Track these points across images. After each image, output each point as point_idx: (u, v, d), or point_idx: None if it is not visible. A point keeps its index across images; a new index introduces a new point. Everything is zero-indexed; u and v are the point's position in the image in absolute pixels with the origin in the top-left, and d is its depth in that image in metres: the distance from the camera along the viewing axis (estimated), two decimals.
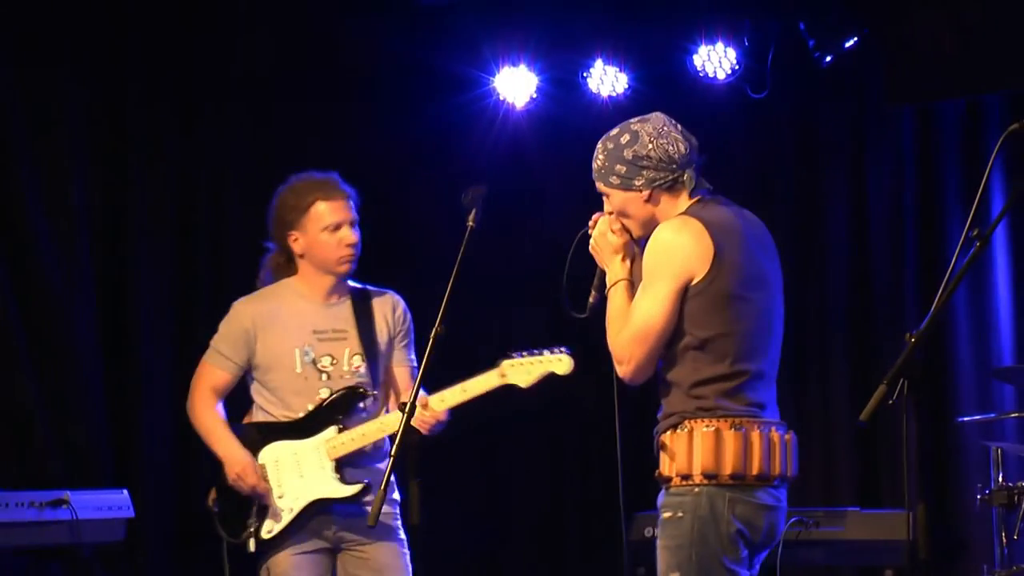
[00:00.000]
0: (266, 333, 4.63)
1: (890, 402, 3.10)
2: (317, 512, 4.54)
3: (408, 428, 3.94)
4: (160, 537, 6.33)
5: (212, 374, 4.75)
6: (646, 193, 3.74)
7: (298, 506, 4.54)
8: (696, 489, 3.65)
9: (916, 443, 3.16)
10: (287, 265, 4.69)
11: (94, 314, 6.15)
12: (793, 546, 6.13)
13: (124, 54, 6.41)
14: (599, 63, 7.21)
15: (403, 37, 7.28)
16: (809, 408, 7.25)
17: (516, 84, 7.31)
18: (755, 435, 3.67)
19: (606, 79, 7.25)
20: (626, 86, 7.28)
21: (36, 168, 6.01)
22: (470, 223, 4.09)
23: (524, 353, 4.35)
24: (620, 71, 7.23)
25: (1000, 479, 5.86)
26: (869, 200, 7.19)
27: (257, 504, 4.57)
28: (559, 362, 4.34)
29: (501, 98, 7.38)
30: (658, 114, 3.82)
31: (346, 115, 7.34)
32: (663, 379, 3.75)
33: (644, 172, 3.72)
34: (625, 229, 3.82)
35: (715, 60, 6.97)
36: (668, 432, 3.72)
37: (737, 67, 6.98)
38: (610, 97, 7.32)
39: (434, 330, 3.99)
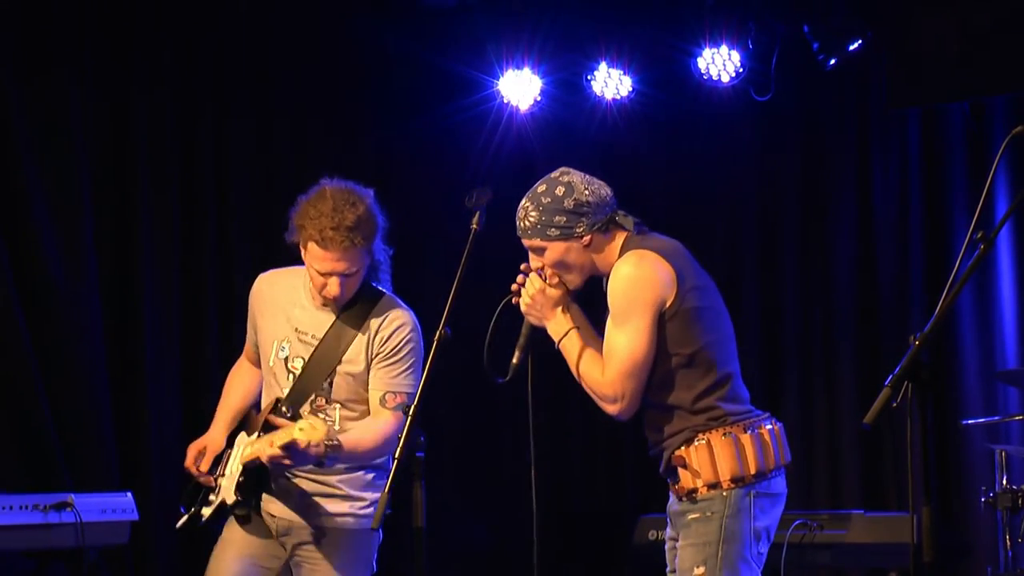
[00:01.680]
0: (261, 318, 4.54)
1: (894, 404, 3.11)
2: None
3: (413, 431, 3.92)
4: (164, 540, 6.33)
5: (246, 348, 4.69)
6: (587, 238, 3.86)
7: (216, 503, 4.47)
8: (724, 493, 3.77)
9: (920, 446, 3.16)
10: None
11: (99, 316, 6.15)
12: (797, 549, 6.13)
13: (128, 53, 6.41)
14: (603, 66, 7.21)
15: (407, 40, 7.28)
16: (814, 410, 7.25)
17: (520, 87, 7.32)
18: (764, 432, 3.82)
19: (610, 82, 7.25)
20: (630, 89, 7.29)
21: (41, 170, 6.01)
22: (474, 226, 4.07)
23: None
24: (624, 74, 7.23)
25: (1004, 482, 5.86)
26: (874, 202, 7.18)
27: (205, 488, 4.51)
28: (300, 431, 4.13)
29: (505, 101, 7.38)
30: (567, 168, 3.93)
31: (350, 117, 7.35)
32: (658, 405, 3.84)
33: (584, 218, 3.84)
34: (562, 282, 3.92)
35: (719, 63, 6.97)
36: (683, 448, 3.82)
37: (741, 70, 6.97)
38: (614, 100, 7.32)
39: (438, 333, 3.96)
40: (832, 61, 6.79)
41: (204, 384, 6.56)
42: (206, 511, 4.49)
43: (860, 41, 6.72)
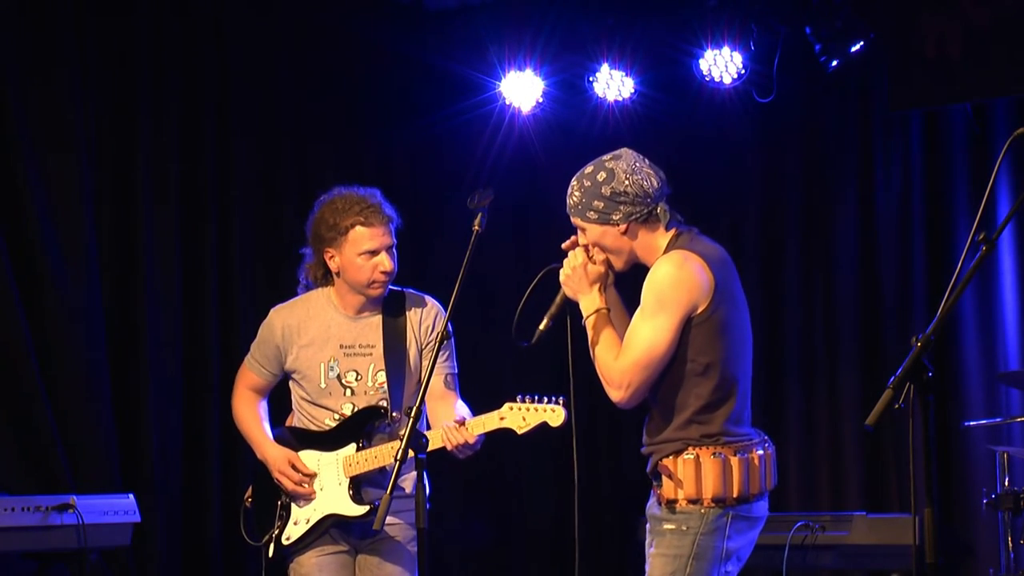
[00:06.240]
0: (295, 345, 4.64)
1: (897, 406, 3.11)
2: (334, 523, 4.56)
3: (414, 433, 3.94)
4: (166, 542, 6.33)
5: (249, 377, 4.78)
6: (623, 227, 3.88)
7: (315, 518, 4.56)
8: (703, 510, 3.80)
9: (922, 447, 3.16)
10: (325, 276, 4.67)
11: (101, 317, 6.15)
12: (799, 550, 6.13)
13: (130, 52, 6.41)
14: (605, 67, 7.21)
15: (410, 42, 7.29)
16: (817, 412, 7.25)
17: (522, 88, 7.32)
18: (754, 457, 3.84)
19: (612, 83, 7.25)
20: (632, 90, 7.29)
21: (43, 171, 6.01)
22: (476, 227, 4.10)
23: (526, 398, 4.29)
24: (626, 75, 7.23)
25: (1006, 483, 5.87)
26: (877, 204, 7.18)
27: (280, 509, 4.61)
28: (552, 413, 4.26)
29: (507, 102, 7.39)
30: (627, 150, 3.96)
31: (353, 119, 7.35)
32: (662, 403, 3.87)
33: (621, 207, 3.86)
34: (606, 262, 3.95)
35: (721, 64, 6.97)
36: (671, 457, 3.84)
37: (743, 71, 6.97)
38: (616, 101, 7.32)
39: (440, 333, 4.02)
40: (834, 63, 6.78)
41: (205, 385, 6.56)
42: (294, 532, 4.58)
43: (862, 43, 6.72)
